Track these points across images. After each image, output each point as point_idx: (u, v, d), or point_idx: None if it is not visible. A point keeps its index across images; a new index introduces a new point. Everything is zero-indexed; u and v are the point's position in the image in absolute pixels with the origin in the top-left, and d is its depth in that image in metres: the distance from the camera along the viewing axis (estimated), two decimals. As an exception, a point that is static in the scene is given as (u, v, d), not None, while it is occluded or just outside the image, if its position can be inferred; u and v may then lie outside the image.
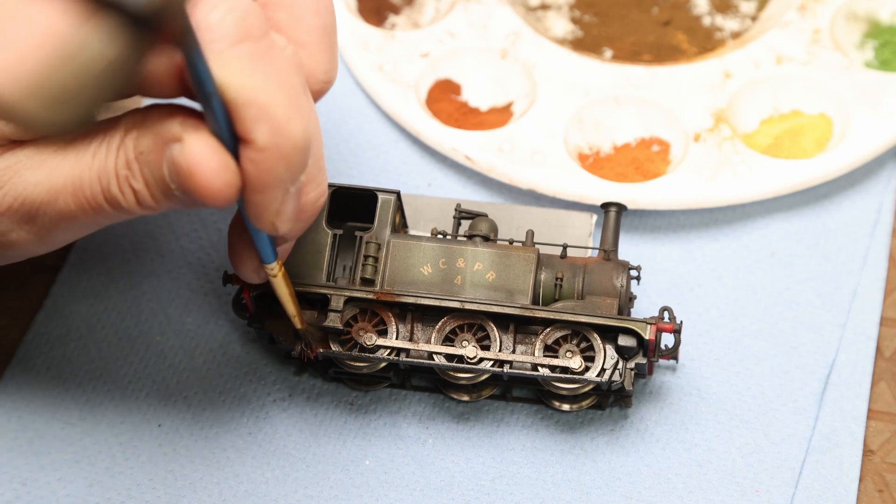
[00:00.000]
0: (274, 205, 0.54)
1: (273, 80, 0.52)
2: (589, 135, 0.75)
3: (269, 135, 0.52)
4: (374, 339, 0.64)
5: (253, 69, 0.52)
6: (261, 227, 0.55)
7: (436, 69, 0.77)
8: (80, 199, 0.55)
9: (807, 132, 0.75)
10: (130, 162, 0.54)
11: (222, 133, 0.52)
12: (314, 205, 0.58)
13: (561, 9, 0.80)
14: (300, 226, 0.58)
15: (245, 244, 0.59)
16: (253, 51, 0.52)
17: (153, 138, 0.53)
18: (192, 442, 0.66)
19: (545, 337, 0.64)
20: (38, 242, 0.58)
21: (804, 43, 0.76)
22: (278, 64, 0.53)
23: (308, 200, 0.57)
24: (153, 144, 0.53)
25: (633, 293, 0.66)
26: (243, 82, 0.51)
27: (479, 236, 0.66)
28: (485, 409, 0.67)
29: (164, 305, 0.70)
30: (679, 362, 0.68)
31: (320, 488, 0.65)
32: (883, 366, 0.69)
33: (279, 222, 0.55)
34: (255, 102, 0.51)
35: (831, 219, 0.73)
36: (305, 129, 0.53)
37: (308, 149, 0.53)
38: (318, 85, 0.59)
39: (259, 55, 0.52)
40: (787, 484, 0.65)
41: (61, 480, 0.65)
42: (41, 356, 0.69)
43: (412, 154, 0.75)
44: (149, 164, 0.54)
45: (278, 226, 0.55)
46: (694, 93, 0.75)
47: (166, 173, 0.53)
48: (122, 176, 0.54)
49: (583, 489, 0.65)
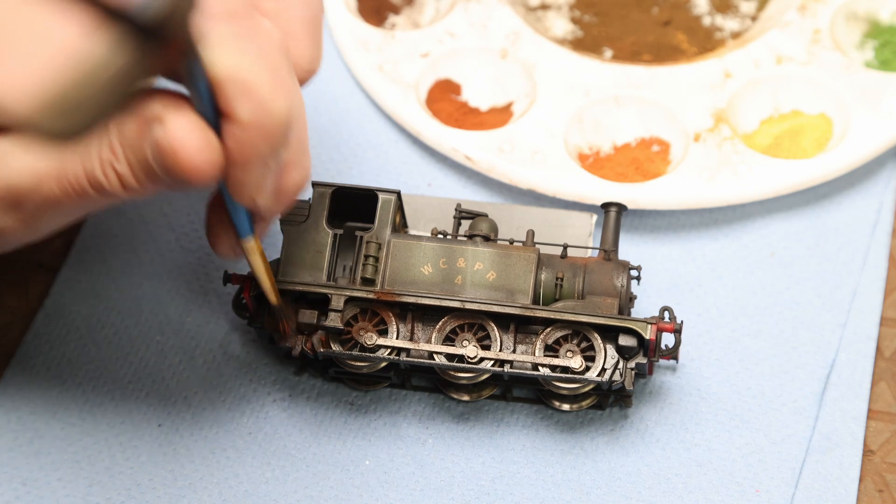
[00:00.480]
0: (255, 179, 0.54)
1: (258, 57, 0.52)
2: (589, 135, 0.75)
3: (252, 111, 0.52)
4: (374, 339, 0.64)
5: (238, 46, 0.52)
6: (241, 202, 0.55)
7: (436, 69, 0.77)
8: (65, 185, 0.55)
9: (807, 132, 0.75)
10: (114, 145, 0.54)
11: (206, 110, 0.52)
12: (296, 187, 0.58)
13: (561, 9, 0.80)
14: (279, 206, 0.58)
15: (222, 221, 0.59)
16: (238, 29, 0.53)
17: (135, 120, 0.53)
18: (192, 442, 0.66)
19: (546, 337, 0.64)
20: (24, 230, 0.58)
21: (804, 43, 0.76)
22: (263, 43, 0.53)
23: (290, 182, 0.57)
24: (135, 126, 0.53)
25: (633, 293, 0.66)
26: (228, 59, 0.51)
27: (479, 236, 0.66)
28: (485, 409, 0.67)
29: (164, 305, 0.70)
30: (679, 362, 0.68)
31: (320, 488, 0.65)
32: (883, 366, 0.69)
33: (259, 197, 0.55)
34: (240, 78, 0.52)
35: (831, 219, 0.73)
36: (288, 107, 0.53)
37: (290, 126, 0.54)
38: (302, 73, 0.60)
39: (244, 33, 0.53)
40: (787, 484, 0.65)
41: (61, 480, 0.65)
42: (41, 356, 0.69)
43: (412, 154, 0.75)
44: (132, 147, 0.54)
45: (258, 201, 0.55)
46: (694, 93, 0.75)
47: (149, 154, 0.53)
48: (106, 160, 0.54)
49: (583, 489, 0.65)
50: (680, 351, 0.67)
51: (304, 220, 0.65)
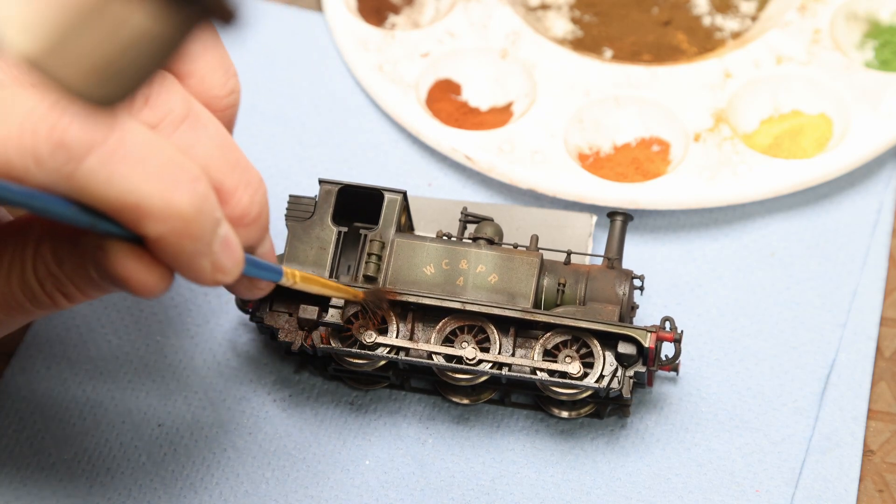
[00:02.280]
0: (205, 270, 0.52)
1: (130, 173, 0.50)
2: (589, 135, 0.75)
3: (156, 225, 0.50)
4: (373, 337, 0.64)
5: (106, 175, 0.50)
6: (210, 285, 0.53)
7: (436, 69, 0.77)
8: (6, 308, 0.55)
9: (807, 132, 0.75)
10: (55, 273, 0.54)
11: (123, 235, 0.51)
12: (254, 205, 0.56)
13: (561, 9, 0.80)
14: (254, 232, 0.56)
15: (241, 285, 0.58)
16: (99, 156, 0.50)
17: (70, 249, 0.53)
18: (192, 442, 0.66)
19: (545, 341, 0.64)
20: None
21: (804, 43, 0.76)
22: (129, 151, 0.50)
23: (243, 205, 0.55)
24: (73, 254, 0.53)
25: (635, 302, 0.66)
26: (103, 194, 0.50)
27: (483, 239, 0.66)
28: (485, 409, 0.67)
29: (164, 306, 0.70)
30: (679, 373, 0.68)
31: (320, 488, 0.65)
32: (883, 366, 0.69)
33: (221, 277, 0.53)
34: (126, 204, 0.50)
35: (831, 219, 0.73)
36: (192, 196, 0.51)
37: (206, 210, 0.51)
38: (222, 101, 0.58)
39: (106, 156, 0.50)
40: (787, 484, 0.65)
41: (61, 480, 0.65)
42: (41, 356, 0.69)
43: (412, 154, 0.75)
44: (75, 271, 0.53)
45: (222, 280, 0.53)
46: (694, 93, 0.75)
47: (94, 276, 0.53)
48: (48, 285, 0.54)
49: (583, 489, 0.65)
50: (680, 363, 0.67)
51: (310, 217, 0.65)
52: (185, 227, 0.51)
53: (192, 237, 0.51)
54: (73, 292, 0.54)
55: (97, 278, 0.53)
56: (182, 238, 0.51)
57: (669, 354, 0.67)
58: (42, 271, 0.54)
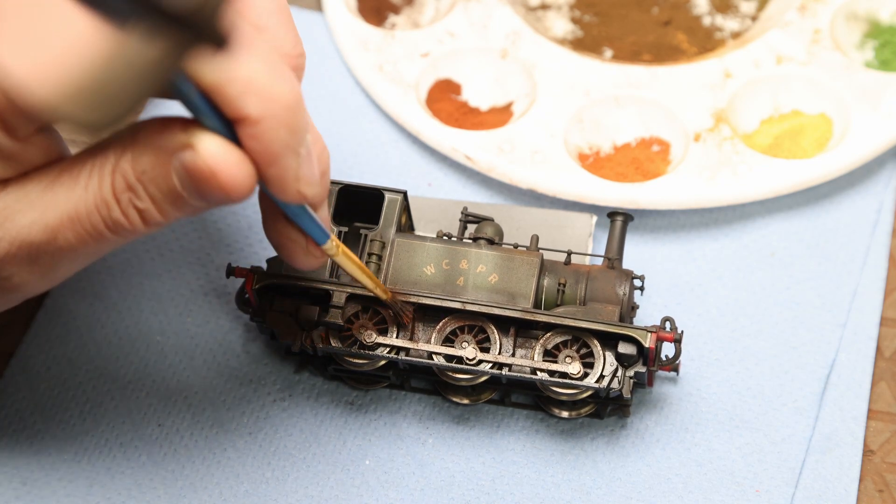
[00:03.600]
0: (291, 171, 0.53)
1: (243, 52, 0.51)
2: (589, 135, 0.75)
3: (260, 103, 0.51)
4: (373, 337, 0.64)
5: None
6: (288, 199, 0.54)
7: (436, 69, 0.77)
8: (80, 232, 0.54)
9: (807, 132, 0.75)
10: (132, 184, 0.53)
11: (214, 124, 0.51)
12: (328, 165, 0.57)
13: (561, 9, 0.80)
14: (325, 190, 0.57)
15: (288, 237, 0.58)
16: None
17: (154, 153, 0.52)
18: (192, 442, 0.66)
19: (545, 341, 0.64)
20: (41, 281, 0.57)
21: (804, 43, 0.76)
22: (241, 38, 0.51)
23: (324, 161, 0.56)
24: (156, 160, 0.52)
25: (636, 303, 0.66)
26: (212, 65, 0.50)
27: (483, 239, 0.66)
28: (485, 409, 0.67)
29: (164, 305, 0.70)
30: (679, 374, 0.68)
31: (320, 488, 0.65)
32: (883, 366, 0.69)
33: (304, 187, 0.54)
34: (235, 77, 0.50)
35: (831, 219, 0.73)
36: (291, 87, 0.52)
37: (302, 106, 0.52)
38: (293, 61, 0.58)
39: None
40: (787, 484, 0.65)
41: (61, 480, 0.65)
42: (41, 356, 0.69)
43: (412, 154, 0.75)
44: (155, 181, 0.53)
45: (305, 191, 0.54)
46: (694, 93, 0.75)
47: (177, 184, 0.52)
48: (125, 200, 0.53)
49: (583, 489, 0.65)
50: (680, 364, 0.67)
51: None
52: (284, 115, 0.51)
53: (288, 127, 0.52)
54: (149, 208, 0.53)
55: (178, 186, 0.52)
56: (280, 125, 0.51)
57: (669, 354, 0.67)
58: (120, 183, 0.53)
